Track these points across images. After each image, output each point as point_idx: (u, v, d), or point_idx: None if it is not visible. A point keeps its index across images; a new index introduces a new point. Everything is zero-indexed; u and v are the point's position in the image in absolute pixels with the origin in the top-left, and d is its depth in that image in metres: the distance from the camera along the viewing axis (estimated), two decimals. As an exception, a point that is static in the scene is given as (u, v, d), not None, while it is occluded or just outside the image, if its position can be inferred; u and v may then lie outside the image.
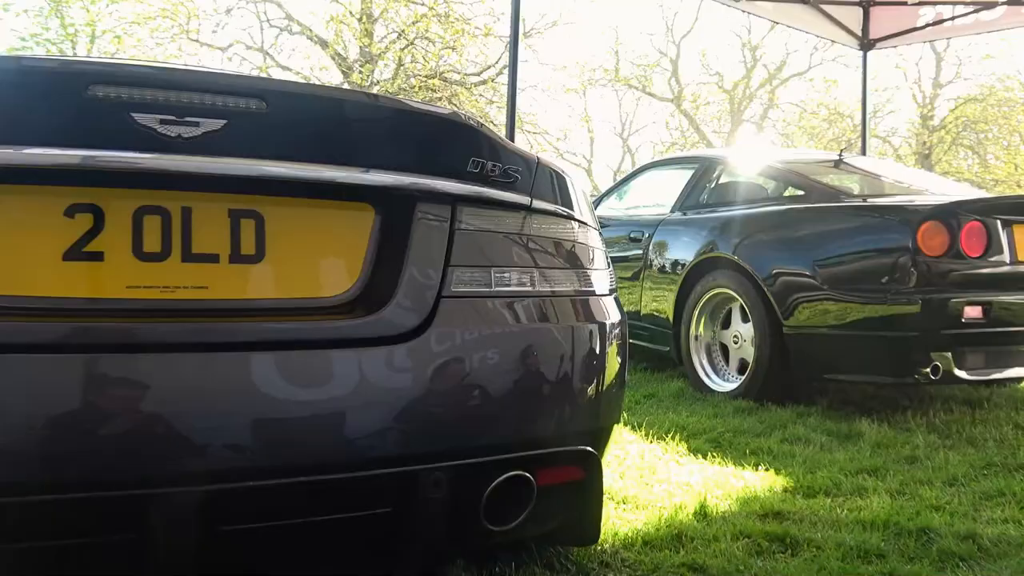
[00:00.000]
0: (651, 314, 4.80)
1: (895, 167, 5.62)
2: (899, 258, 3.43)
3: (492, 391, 1.35)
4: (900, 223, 3.52)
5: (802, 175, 4.55)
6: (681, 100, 23.16)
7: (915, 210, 3.57)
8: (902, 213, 3.60)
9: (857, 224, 3.75)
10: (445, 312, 1.34)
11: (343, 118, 1.33)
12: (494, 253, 1.43)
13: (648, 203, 6.07)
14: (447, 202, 1.38)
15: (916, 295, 3.38)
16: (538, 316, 1.45)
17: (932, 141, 21.60)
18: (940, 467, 2.92)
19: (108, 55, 14.36)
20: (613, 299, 1.64)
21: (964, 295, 3.42)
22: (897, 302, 3.40)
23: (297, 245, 1.31)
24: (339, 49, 17.00)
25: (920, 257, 3.40)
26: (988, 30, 7.72)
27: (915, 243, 3.40)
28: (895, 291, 3.41)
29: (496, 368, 1.37)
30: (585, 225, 1.60)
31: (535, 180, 1.50)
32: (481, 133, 1.44)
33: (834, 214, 3.90)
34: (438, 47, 16.68)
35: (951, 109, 21.67)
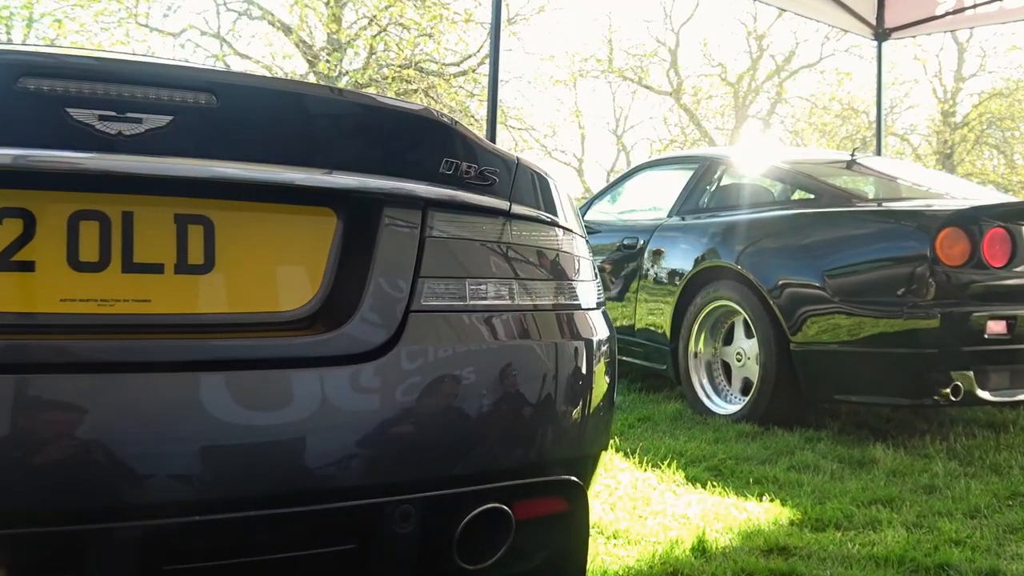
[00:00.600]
0: (646, 329, 4.82)
1: (913, 168, 5.68)
2: (916, 268, 3.46)
3: (466, 415, 1.35)
4: (917, 230, 3.56)
5: (811, 177, 4.58)
6: (680, 93, 23.29)
7: (933, 215, 3.61)
8: (919, 219, 3.64)
9: (871, 231, 3.78)
10: (414, 327, 1.34)
11: (302, 114, 1.33)
12: (469, 263, 1.43)
13: (643, 206, 6.09)
14: (417, 207, 1.39)
15: (934, 308, 3.41)
16: (518, 332, 1.45)
17: (954, 139, 21.81)
18: (961, 497, 2.94)
19: (47, 41, 14.30)
20: (601, 313, 1.64)
21: (987, 308, 3.45)
22: (914, 316, 3.43)
23: (250, 254, 1.31)
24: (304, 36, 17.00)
25: (939, 267, 3.43)
26: (1014, 19, 7.82)
27: (933, 251, 3.43)
28: (912, 304, 3.45)
29: (471, 389, 1.37)
30: (570, 232, 1.61)
31: (514, 183, 1.51)
32: (455, 131, 1.44)
33: (846, 220, 3.93)
34: (413, 34, 16.71)
35: (974, 105, 21.90)
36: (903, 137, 23.21)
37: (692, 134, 24.44)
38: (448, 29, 17.08)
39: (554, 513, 1.47)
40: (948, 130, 21.89)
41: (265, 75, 1.59)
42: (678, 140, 24.87)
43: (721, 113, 24.75)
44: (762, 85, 23.90)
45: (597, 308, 1.64)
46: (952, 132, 21.86)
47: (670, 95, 23.66)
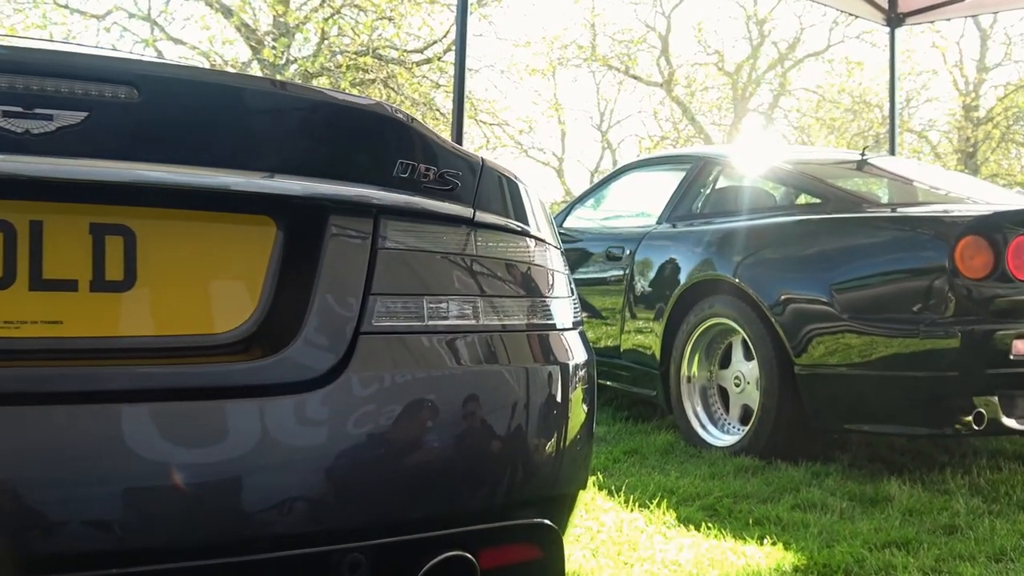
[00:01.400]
0: (633, 350, 4.84)
1: (931, 169, 5.74)
2: (934, 281, 3.50)
3: (424, 450, 1.35)
4: (935, 238, 3.60)
5: (818, 179, 4.63)
6: (673, 84, 23.45)
7: (953, 223, 3.65)
8: (937, 226, 3.68)
9: (883, 240, 3.82)
10: (365, 351, 1.34)
11: (238, 111, 1.33)
12: (428, 278, 1.43)
13: (630, 212, 6.12)
14: (368, 214, 1.39)
15: (954, 326, 3.45)
16: (483, 356, 1.45)
17: (977, 136, 22.08)
18: (984, 538, 2.97)
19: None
20: (578, 334, 1.65)
21: (1013, 326, 3.49)
22: (932, 335, 3.47)
23: (178, 269, 1.30)
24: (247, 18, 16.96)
25: (959, 280, 3.47)
26: (1042, 3, 7.94)
27: (952, 262, 3.47)
28: (929, 322, 3.48)
29: (430, 421, 1.37)
30: (543, 243, 1.61)
31: (479, 187, 1.51)
32: (411, 129, 1.45)
33: (856, 227, 3.97)
34: (371, 17, 16.73)
35: (999, 98, 22.20)
36: (920, 134, 23.48)
37: (685, 130, 24.62)
38: (410, 11, 17.13)
39: (525, 561, 1.46)
40: (970, 126, 22.16)
41: (195, 66, 1.58)
42: (670, 137, 25.04)
43: (718, 107, 24.96)
44: (763, 75, 24.14)
45: (574, 328, 1.65)
46: (975, 128, 22.14)
47: (661, 86, 23.83)
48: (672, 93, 23.63)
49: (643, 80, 24.23)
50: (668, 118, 25.72)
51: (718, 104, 24.92)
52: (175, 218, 1.31)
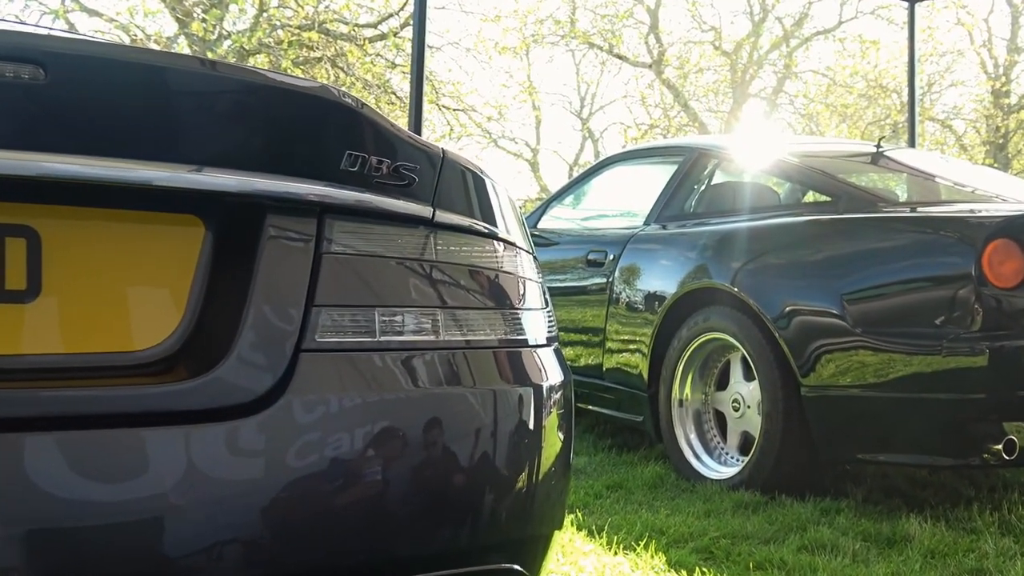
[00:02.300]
0: (618, 369, 4.85)
1: (955, 163, 5.79)
2: (958, 290, 3.53)
3: (376, 486, 1.35)
4: (959, 242, 3.63)
5: (827, 174, 4.67)
6: (663, 65, 23.57)
7: (980, 224, 3.69)
8: (962, 228, 3.72)
9: (901, 243, 3.86)
10: (308, 371, 1.34)
11: (161, 94, 1.32)
12: (380, 287, 1.43)
13: (614, 211, 6.14)
14: (311, 214, 1.39)
15: (982, 342, 3.48)
16: (445, 377, 1.45)
17: (1008, 126, 22.33)
18: (1016, 583, 2.99)
19: None
20: (553, 352, 1.65)
21: (1048, 342, 3.53)
22: (956, 352, 3.50)
23: (90, 276, 1.29)
24: (173, -13, 16.88)
25: (987, 289, 3.50)
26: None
27: (980, 269, 3.50)
28: (953, 336, 3.51)
29: (383, 452, 1.37)
30: (513, 247, 1.62)
31: (440, 183, 1.51)
32: (361, 116, 1.45)
33: (870, 229, 4.01)
34: (318, -14, 16.71)
35: (1033, 82, 22.45)
36: (944, 123, 23.72)
37: (677, 118, 24.74)
38: (362, -20, 17.12)
39: (492, 613, 1.46)
40: (1000, 114, 22.40)
41: (112, 42, 1.57)
42: (659, 125, 25.16)
43: (714, 91, 25.11)
44: (766, 56, 24.29)
45: (548, 345, 1.65)
46: (1005, 117, 22.39)
47: (649, 68, 23.94)
48: (662, 75, 23.74)
49: (629, 60, 24.33)
50: (658, 104, 25.86)
51: (714, 88, 25.07)
52: (87, 218, 1.30)
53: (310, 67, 16.99)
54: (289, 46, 16.16)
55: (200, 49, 15.74)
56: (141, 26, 16.64)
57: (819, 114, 24.17)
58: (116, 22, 17.03)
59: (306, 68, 16.91)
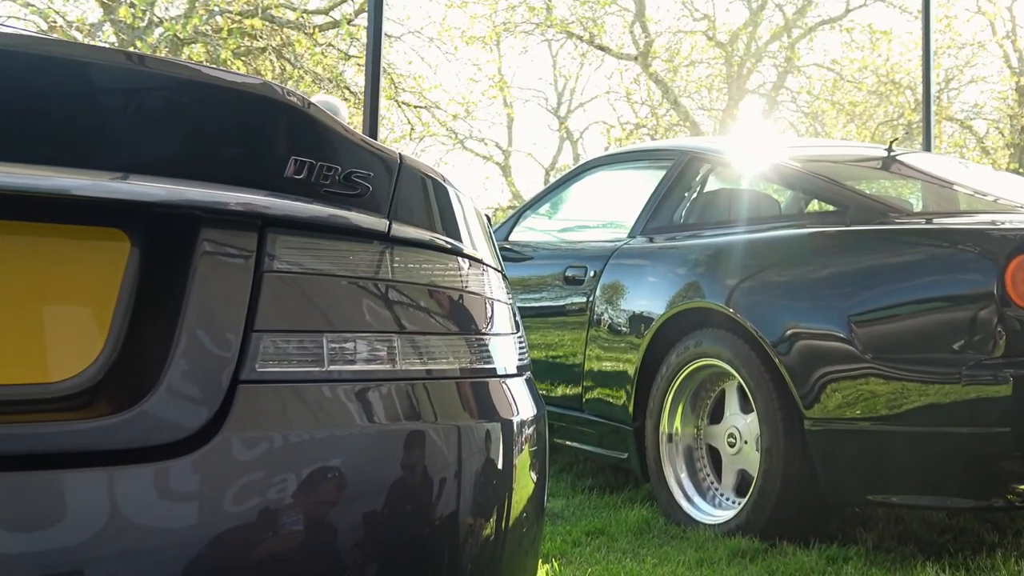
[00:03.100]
0: (599, 400, 4.86)
1: (976, 169, 5.85)
2: (979, 311, 3.55)
3: (325, 535, 1.35)
4: (980, 257, 3.66)
5: (833, 181, 4.70)
6: (650, 58, 23.66)
7: (1003, 237, 3.72)
8: (983, 241, 3.75)
9: (916, 258, 3.88)
10: (247, 404, 1.33)
11: (81, 92, 1.32)
12: (329, 309, 1.43)
13: (595, 221, 6.16)
14: (251, 227, 1.38)
15: (1005, 369, 3.50)
16: (402, 411, 1.45)
17: (1034, 126, 22.49)
18: (1044, 640, 3.01)
19: None
20: (524, 382, 1.65)
21: (1077, 369, 3.55)
22: (977, 380, 3.52)
23: (0, 298, 1.29)
24: (98, -33, 16.85)
25: (1011, 310, 3.53)
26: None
27: (1003, 288, 3.53)
28: (974, 363, 3.53)
29: (332, 497, 1.37)
30: (479, 264, 1.62)
31: (397, 192, 1.52)
32: (309, 116, 1.45)
33: (881, 242, 4.04)
34: (260, -33, 16.71)
35: (1063, 79, 22.63)
36: (963, 123, 23.88)
37: (666, 117, 24.84)
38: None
39: None
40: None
41: (25, 32, 1.56)
42: (646, 125, 25.25)
43: (707, 87, 25.20)
44: (765, 48, 24.42)
45: (519, 374, 1.65)
46: (1032, 116, 22.57)
47: (635, 60, 24.02)
48: (649, 69, 23.81)
49: (612, 52, 24.42)
50: (644, 101, 25.95)
51: (708, 84, 25.16)
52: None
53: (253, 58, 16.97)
54: (229, 35, 16.13)
55: (128, 37, 15.70)
56: (61, 11, 16.60)
57: (824, 113, 24.28)
58: (32, 6, 16.97)
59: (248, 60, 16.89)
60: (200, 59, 16.44)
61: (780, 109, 25.61)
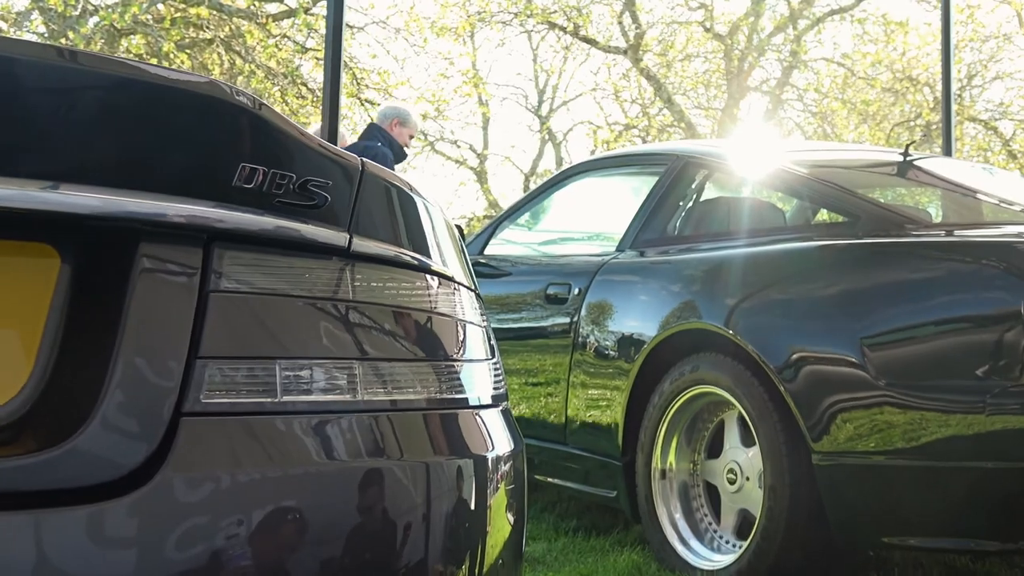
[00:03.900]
0: (584, 432, 4.85)
1: (1001, 175, 5.88)
2: (1005, 333, 3.57)
3: (278, 584, 1.34)
4: (1006, 273, 3.68)
5: (844, 188, 4.71)
6: (641, 51, 23.73)
7: (1030, 251, 3.74)
8: (1009, 256, 3.77)
9: (935, 274, 3.90)
10: (191, 440, 1.33)
11: (4, 91, 1.32)
12: (283, 333, 1.43)
13: (580, 233, 6.16)
14: (196, 241, 1.38)
15: (1034, 397, 3.51)
16: (365, 447, 1.45)
17: (1065, 128, 22.61)
18: None
19: None
20: (500, 413, 1.66)
21: (1114, 398, 3.56)
22: (1003, 409, 3.53)
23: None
24: (25, -51, 16.83)
25: (1040, 332, 3.54)
26: None
27: (1031, 307, 3.54)
28: (999, 390, 3.54)
29: (287, 542, 1.36)
30: (450, 283, 1.62)
31: (358, 203, 1.52)
32: (261, 119, 1.45)
33: (897, 257, 4.05)
34: (208, -50, 16.71)
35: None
36: (987, 124, 23.98)
37: (659, 116, 24.90)
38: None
39: None
40: (1056, 113, 22.72)
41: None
42: (637, 126, 25.31)
43: (705, 83, 25.29)
44: (769, 40, 24.50)
45: (494, 405, 1.65)
46: (1062, 116, 22.70)
47: (624, 54, 24.07)
48: (640, 63, 23.87)
49: (599, 45, 24.46)
50: (635, 99, 26.01)
51: (705, 80, 25.25)
52: (-90, 248, 1.30)
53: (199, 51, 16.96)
54: (172, 25, 16.13)
55: (59, 28, 15.67)
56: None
57: (834, 113, 24.34)
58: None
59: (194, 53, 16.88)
60: (140, 52, 16.43)
61: (785, 108, 25.72)
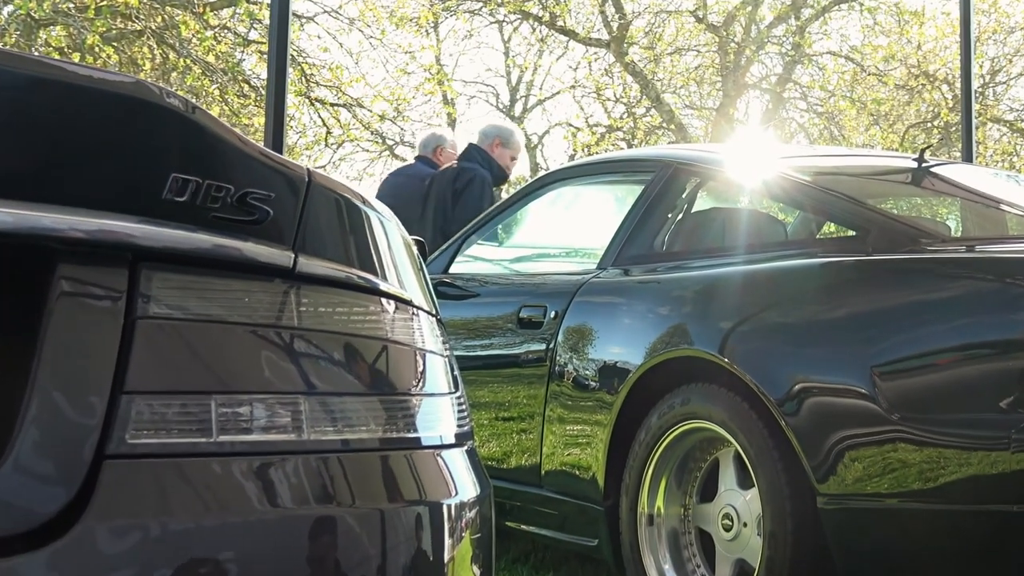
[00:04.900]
0: (562, 473, 4.85)
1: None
2: (1031, 360, 3.58)
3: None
4: (1032, 293, 3.70)
5: (852, 199, 4.73)
6: (626, 45, 23.77)
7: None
8: (1036, 274, 3.78)
9: (954, 294, 3.91)
10: (116, 485, 1.33)
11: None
12: (219, 365, 1.43)
13: (557, 249, 6.16)
14: (120, 262, 1.39)
15: (1064, 433, 3.53)
16: (312, 492, 1.45)
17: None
18: None
19: None
20: (464, 454, 1.66)
21: None
22: (1030, 446, 3.54)
23: None
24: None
25: (1070, 359, 3.56)
26: None
27: (1060, 332, 3.56)
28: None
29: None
30: (407, 307, 1.63)
31: (304, 218, 1.52)
32: (194, 124, 1.45)
33: (911, 276, 4.07)
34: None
35: None
36: (1013, 126, 24.09)
37: (647, 118, 24.92)
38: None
39: None
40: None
41: None
42: (622, 128, 25.33)
43: (697, 80, 25.31)
44: (768, 33, 24.57)
45: (458, 444, 1.66)
46: (1096, 117, 22.82)
47: (607, 47, 24.12)
48: (625, 58, 23.87)
49: (579, 37, 24.48)
50: (619, 98, 26.03)
51: (697, 76, 25.28)
52: None
53: (127, 44, 16.92)
54: (97, 14, 16.06)
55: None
56: None
57: (842, 113, 24.35)
58: None
59: (121, 46, 16.83)
60: (60, 44, 16.39)
61: (787, 108, 25.79)
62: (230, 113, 17.35)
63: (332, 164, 24.83)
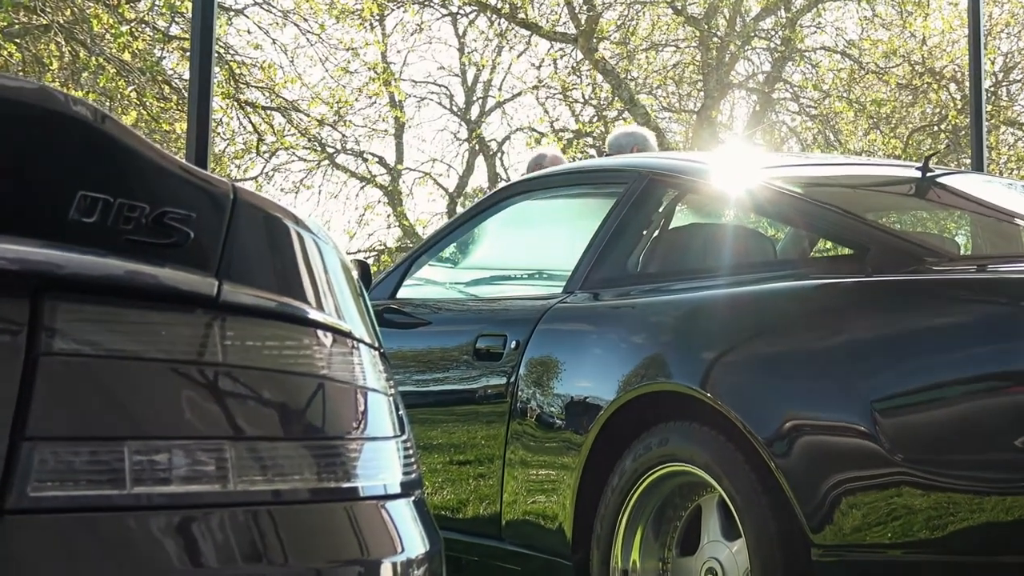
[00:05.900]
0: (525, 523, 4.85)
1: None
2: (1050, 395, 3.61)
3: None
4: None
5: (849, 213, 4.75)
6: (596, 39, 23.83)
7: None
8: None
9: (963, 320, 3.93)
10: (17, 543, 1.34)
11: None
12: (134, 407, 1.43)
13: (519, 270, 6.16)
14: (21, 292, 1.39)
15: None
16: (240, 550, 1.46)
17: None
18: None
19: None
20: (411, 505, 1.66)
21: None
22: (1048, 491, 3.56)
23: None
24: None
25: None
26: None
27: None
28: (1043, 468, 3.57)
29: None
30: (346, 339, 1.63)
31: (229, 240, 1.52)
32: (103, 134, 1.45)
33: (915, 299, 4.09)
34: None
35: None
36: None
37: (618, 121, 24.95)
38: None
39: None
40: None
41: None
42: (592, 133, 25.36)
43: (676, 79, 25.39)
44: (755, 26, 24.67)
45: (405, 494, 1.66)
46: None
47: (574, 43, 24.18)
48: (595, 55, 23.92)
49: (543, 31, 24.52)
50: (588, 99, 26.08)
51: (676, 75, 25.36)
52: None
53: (32, 41, 16.89)
54: (0, 10, 16.06)
55: None
56: None
57: (838, 115, 24.45)
58: None
59: (26, 43, 16.80)
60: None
61: (776, 110, 25.86)
62: (149, 118, 17.32)
63: (264, 175, 24.74)
